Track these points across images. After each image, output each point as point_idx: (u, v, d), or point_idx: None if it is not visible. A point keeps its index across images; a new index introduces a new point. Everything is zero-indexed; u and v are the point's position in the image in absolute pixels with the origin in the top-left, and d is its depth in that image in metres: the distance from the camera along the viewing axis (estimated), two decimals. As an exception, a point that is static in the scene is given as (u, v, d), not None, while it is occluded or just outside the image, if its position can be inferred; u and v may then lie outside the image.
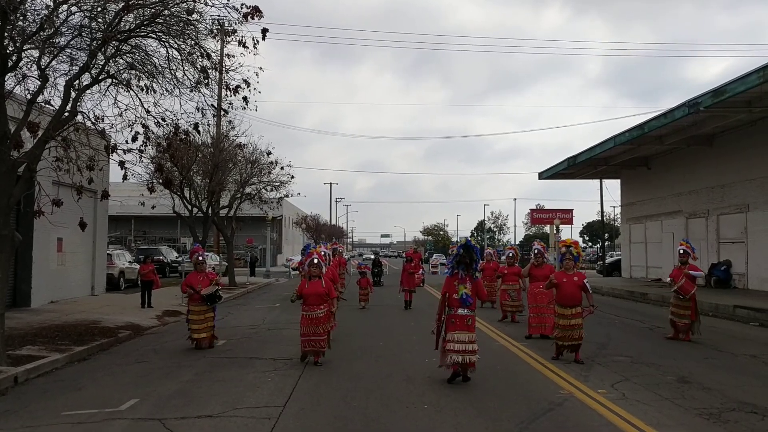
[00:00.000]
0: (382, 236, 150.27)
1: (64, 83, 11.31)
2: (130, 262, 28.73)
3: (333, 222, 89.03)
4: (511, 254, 16.82)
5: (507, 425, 6.71)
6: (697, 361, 10.58)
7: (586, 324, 10.57)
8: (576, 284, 10.27)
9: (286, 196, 32.96)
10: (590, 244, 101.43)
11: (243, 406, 7.50)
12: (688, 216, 29.19)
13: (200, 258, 12.32)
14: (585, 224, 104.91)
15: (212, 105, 13.51)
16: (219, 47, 13.93)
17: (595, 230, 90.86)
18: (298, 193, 49.40)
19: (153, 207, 21.36)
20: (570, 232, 70.85)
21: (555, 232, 42.10)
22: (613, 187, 51.39)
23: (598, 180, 43.52)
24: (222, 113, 15.20)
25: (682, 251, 13.26)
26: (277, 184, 30.83)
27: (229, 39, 12.24)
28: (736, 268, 25.20)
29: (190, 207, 27.06)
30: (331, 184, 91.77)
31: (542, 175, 38.46)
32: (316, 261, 10.27)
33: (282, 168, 30.18)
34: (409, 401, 7.72)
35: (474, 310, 8.73)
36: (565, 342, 10.26)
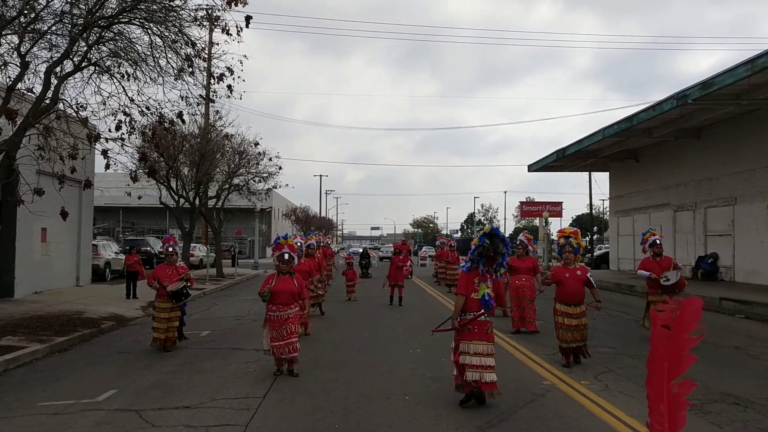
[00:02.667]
0: (372, 228, 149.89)
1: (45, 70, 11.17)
2: (116, 252, 28.50)
3: (323, 214, 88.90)
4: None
5: (487, 416, 6.65)
6: (680, 353, 10.54)
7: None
8: (579, 279, 9.24)
9: (275, 187, 32.87)
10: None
11: (222, 397, 7.43)
12: (675, 209, 29.28)
13: (170, 249, 11.03)
14: (574, 217, 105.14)
15: (200, 95, 13.42)
16: (204, 35, 13.79)
17: (585, 223, 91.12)
18: (286, 185, 49.60)
19: (139, 197, 21.24)
20: (559, 225, 70.81)
21: (544, 224, 42.25)
22: (602, 180, 51.49)
23: (587, 173, 43.59)
24: (208, 102, 15.08)
25: (659, 241, 11.86)
26: (265, 175, 30.72)
27: (212, 26, 12.11)
28: (722, 261, 25.33)
29: (176, 198, 26.89)
30: (321, 176, 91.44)
31: (531, 168, 38.39)
32: (287, 256, 8.92)
33: (270, 159, 30.12)
34: (390, 392, 7.67)
35: (493, 315, 7.35)
36: (572, 344, 9.21)
